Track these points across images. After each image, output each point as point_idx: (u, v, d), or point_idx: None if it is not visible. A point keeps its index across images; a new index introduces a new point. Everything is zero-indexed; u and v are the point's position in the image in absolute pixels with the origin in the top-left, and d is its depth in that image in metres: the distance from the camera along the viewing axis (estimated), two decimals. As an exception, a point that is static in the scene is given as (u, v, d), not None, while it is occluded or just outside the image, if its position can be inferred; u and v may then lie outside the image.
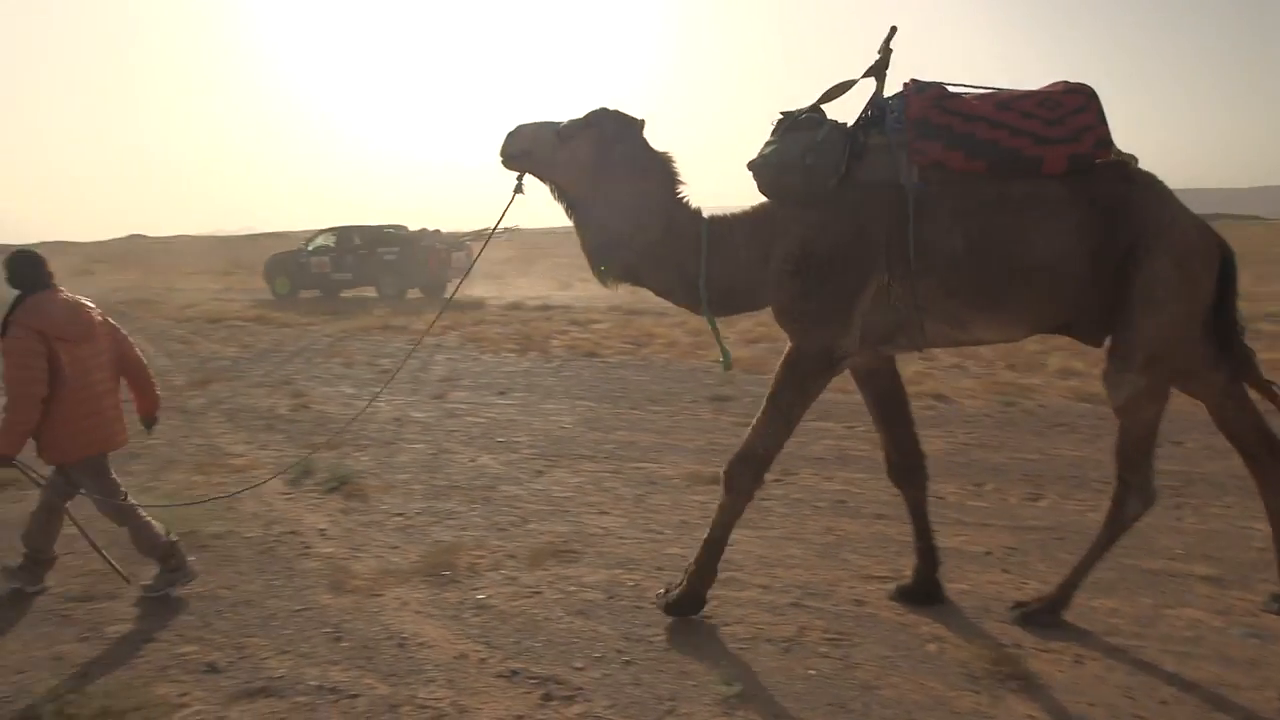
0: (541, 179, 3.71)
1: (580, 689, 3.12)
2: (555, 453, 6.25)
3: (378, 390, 6.70)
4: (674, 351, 10.55)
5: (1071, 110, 3.31)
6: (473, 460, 6.13)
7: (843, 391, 8.10)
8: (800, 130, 3.42)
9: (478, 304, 17.20)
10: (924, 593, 3.70)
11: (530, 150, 3.62)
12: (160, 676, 3.25)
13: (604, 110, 3.60)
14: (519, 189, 3.72)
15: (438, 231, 21.89)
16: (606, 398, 8.00)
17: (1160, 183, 3.39)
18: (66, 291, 4.02)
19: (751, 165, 3.49)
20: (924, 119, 3.34)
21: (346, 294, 21.34)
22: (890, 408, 3.77)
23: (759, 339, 10.69)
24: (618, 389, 8.39)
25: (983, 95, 3.43)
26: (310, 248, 22.14)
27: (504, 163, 3.70)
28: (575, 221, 3.71)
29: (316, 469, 5.77)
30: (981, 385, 8.17)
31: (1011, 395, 7.80)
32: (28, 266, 3.97)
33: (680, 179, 3.68)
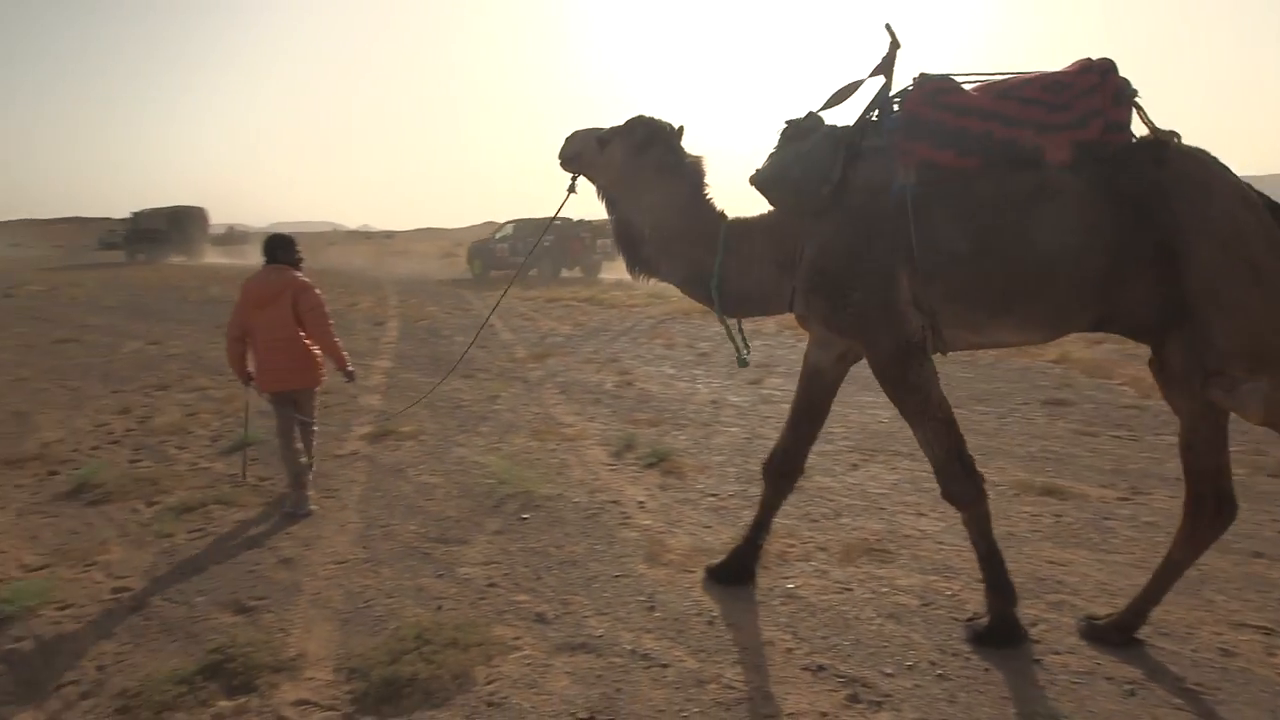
0: (589, 180, 3.92)
1: (888, 696, 3.00)
2: (871, 447, 6.06)
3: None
4: (1002, 349, 9.79)
5: (1081, 92, 3.04)
6: (785, 448, 6.13)
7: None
8: (795, 140, 3.38)
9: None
10: (736, 572, 3.89)
11: (579, 154, 3.87)
12: (498, 619, 3.61)
13: (639, 118, 3.76)
14: (572, 188, 3.99)
15: (589, 222, 23.36)
16: (926, 394, 7.58)
17: (1204, 164, 3.01)
18: (288, 268, 5.21)
19: (751, 180, 3.47)
20: (915, 116, 3.21)
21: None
22: (812, 412, 3.82)
23: (1100, 340, 9.58)
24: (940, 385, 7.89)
25: (986, 85, 3.21)
26: (497, 236, 25.74)
27: (561, 165, 3.95)
28: (611, 218, 3.92)
29: (638, 444, 6.09)
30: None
31: None
32: (271, 245, 5.31)
33: (706, 182, 3.74)
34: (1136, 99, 3.05)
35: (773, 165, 3.42)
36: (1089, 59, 3.11)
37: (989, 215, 3.11)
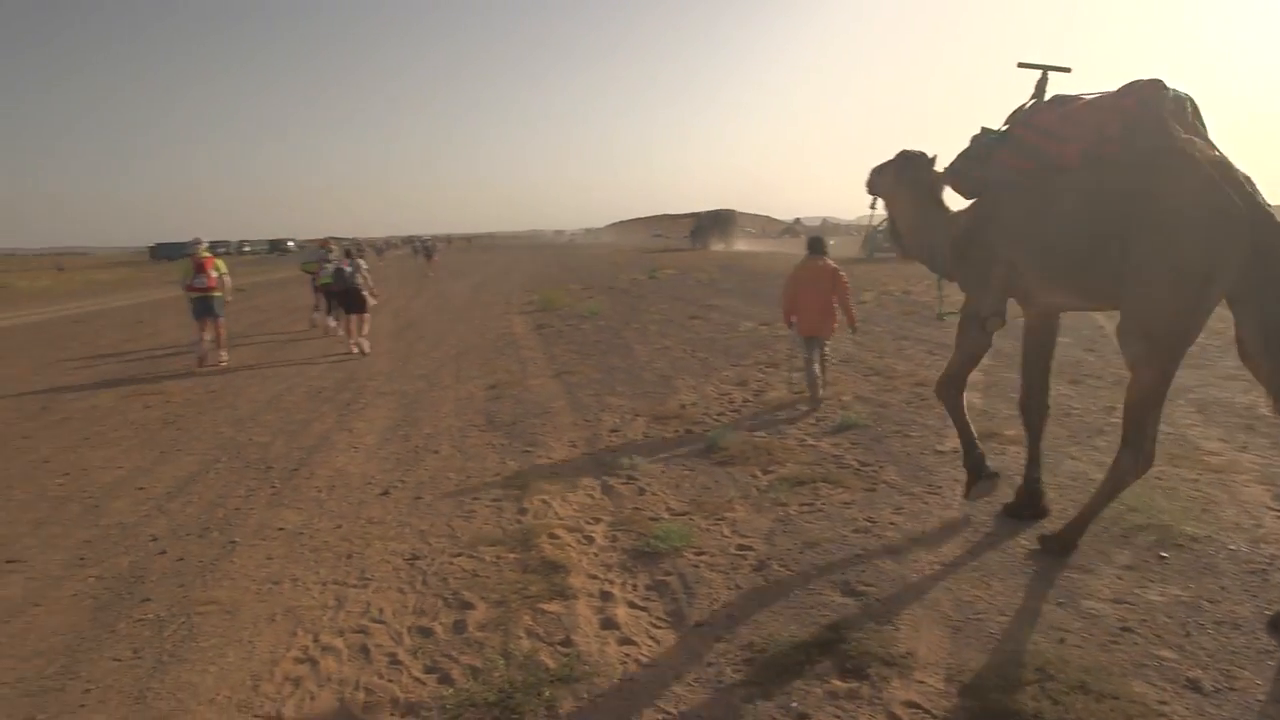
0: (880, 198, 5.40)
1: None
2: None
3: None
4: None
5: (1096, 110, 3.92)
6: None
7: None
8: (969, 146, 4.64)
9: None
10: (1024, 509, 4.69)
11: (873, 180, 5.41)
12: (1136, 673, 3.09)
13: (903, 151, 5.21)
14: (873, 205, 5.48)
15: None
16: None
17: (1197, 167, 3.55)
18: (824, 259, 7.85)
19: (941, 175, 4.93)
20: (1012, 131, 4.34)
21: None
22: (1036, 356, 4.70)
23: None
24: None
25: (1065, 106, 4.13)
26: (880, 227, 27.92)
27: (867, 190, 5.48)
28: (889, 221, 5.41)
29: (1316, 490, 4.82)
30: None
31: None
32: (812, 243, 8.10)
33: (941, 191, 4.98)
34: (1163, 110, 3.72)
35: (950, 165, 4.75)
36: (1135, 80, 3.84)
37: (1035, 206, 4.11)
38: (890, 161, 5.32)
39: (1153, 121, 3.74)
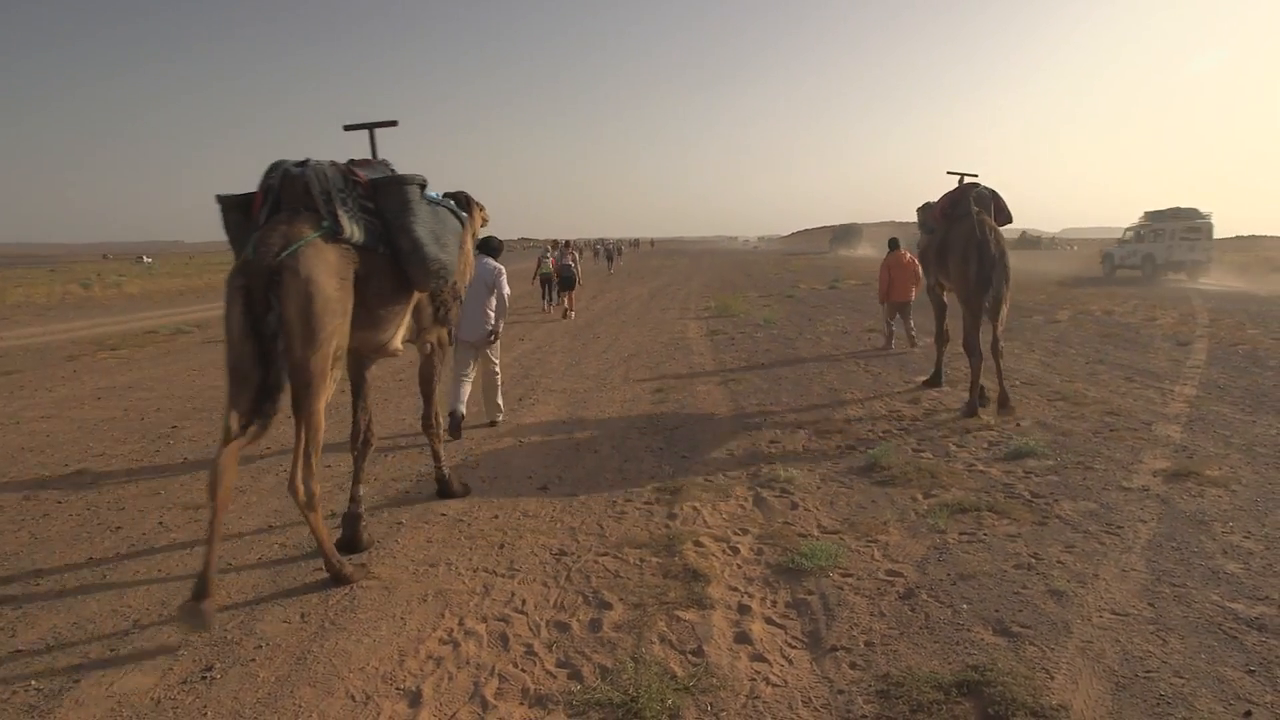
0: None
1: None
2: None
3: None
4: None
5: (948, 195, 8.33)
6: None
7: None
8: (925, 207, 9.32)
9: None
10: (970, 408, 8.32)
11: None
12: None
13: (923, 206, 9.46)
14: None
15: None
16: None
17: (969, 222, 7.74)
18: (901, 251, 12.59)
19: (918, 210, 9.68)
20: (934, 202, 8.80)
21: None
22: (945, 314, 9.34)
23: None
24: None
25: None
26: (1125, 237, 31.09)
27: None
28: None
29: None
30: None
31: None
32: (890, 242, 12.96)
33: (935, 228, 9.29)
34: (969, 196, 8.03)
35: (919, 214, 9.34)
36: (968, 183, 8.41)
37: (934, 241, 8.50)
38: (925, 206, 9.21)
39: (964, 201, 7.91)
